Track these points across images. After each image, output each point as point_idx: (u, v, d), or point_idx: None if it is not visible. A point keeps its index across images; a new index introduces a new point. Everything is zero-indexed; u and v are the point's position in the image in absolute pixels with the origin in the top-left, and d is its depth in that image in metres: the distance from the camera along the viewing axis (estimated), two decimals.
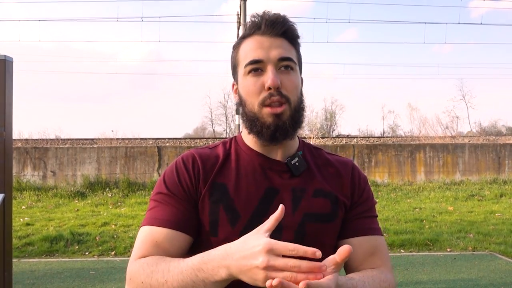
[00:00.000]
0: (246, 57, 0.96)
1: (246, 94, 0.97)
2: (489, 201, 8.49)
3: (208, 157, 1.01)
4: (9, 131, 2.72)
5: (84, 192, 9.03)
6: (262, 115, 0.94)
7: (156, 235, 0.91)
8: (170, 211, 0.93)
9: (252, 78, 0.95)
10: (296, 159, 1.00)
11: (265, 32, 0.96)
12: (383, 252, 1.01)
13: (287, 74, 0.95)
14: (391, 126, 42.91)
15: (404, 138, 18.27)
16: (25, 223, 6.50)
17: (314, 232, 0.95)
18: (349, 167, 1.07)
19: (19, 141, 13.32)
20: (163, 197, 0.96)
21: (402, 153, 10.45)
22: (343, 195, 1.02)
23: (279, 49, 0.95)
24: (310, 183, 1.00)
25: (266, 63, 0.94)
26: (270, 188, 0.97)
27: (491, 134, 21.33)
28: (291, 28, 0.98)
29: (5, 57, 2.65)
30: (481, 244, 5.47)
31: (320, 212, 0.97)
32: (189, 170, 0.97)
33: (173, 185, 0.96)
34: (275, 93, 0.93)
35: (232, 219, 0.93)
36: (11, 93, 2.72)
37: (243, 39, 1.00)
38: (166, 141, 14.72)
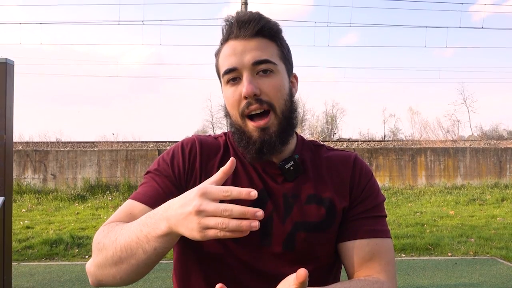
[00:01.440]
0: (222, 66, 0.91)
1: (228, 105, 0.92)
2: (490, 206, 8.47)
3: (209, 146, 0.97)
4: (9, 134, 2.72)
5: (85, 195, 9.02)
6: (248, 129, 0.90)
7: (133, 208, 0.89)
8: (154, 189, 0.90)
9: (231, 88, 0.90)
10: (291, 163, 0.93)
11: (237, 35, 0.89)
12: (384, 257, 0.90)
13: (266, 78, 0.88)
14: (392, 129, 42.90)
15: (405, 142, 18.25)
16: (25, 226, 6.49)
17: (304, 242, 0.89)
18: (350, 163, 0.98)
19: (19, 144, 13.33)
20: (152, 175, 0.94)
21: (403, 157, 10.44)
22: (342, 198, 0.93)
23: (253, 52, 0.88)
24: (304, 188, 0.93)
25: (241, 70, 0.88)
26: (264, 190, 0.91)
27: (493, 138, 21.32)
28: (266, 25, 0.90)
29: (6, 60, 2.66)
30: (482, 248, 5.45)
31: (312, 220, 0.90)
32: (184, 154, 0.95)
33: (164, 165, 0.94)
34: (253, 101, 0.87)
35: None
36: (12, 96, 2.72)
37: (221, 45, 0.94)
38: (167, 144, 14.71)
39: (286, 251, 0.89)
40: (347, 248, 0.91)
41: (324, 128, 39.30)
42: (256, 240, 0.88)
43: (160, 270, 4.52)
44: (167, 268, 4.58)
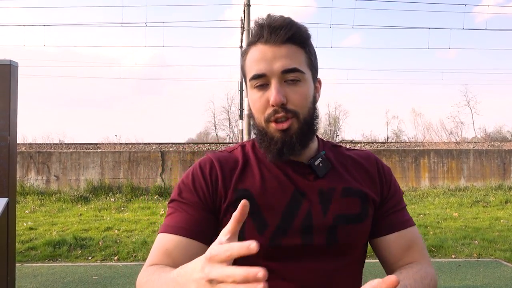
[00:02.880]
0: (250, 69, 0.92)
1: (253, 108, 0.94)
2: (494, 208, 8.43)
3: (227, 161, 0.97)
4: (13, 136, 2.72)
5: (87, 197, 9.04)
6: (270, 130, 0.91)
7: (168, 243, 0.89)
8: (184, 217, 0.90)
9: (258, 92, 0.91)
10: (319, 159, 0.96)
11: (268, 40, 0.89)
12: (419, 244, 0.98)
13: (293, 86, 0.90)
14: (395, 131, 42.82)
15: (408, 143, 18.21)
16: (28, 228, 6.51)
17: (346, 234, 0.92)
18: (372, 160, 1.03)
19: (23, 146, 13.38)
20: (178, 204, 0.93)
21: (406, 159, 10.42)
22: (373, 191, 0.98)
23: (283, 60, 0.88)
24: (337, 182, 0.95)
25: (270, 77, 0.89)
26: (296, 190, 0.93)
27: (496, 139, 21.24)
28: (297, 32, 0.91)
29: (10, 62, 2.66)
30: (486, 250, 5.42)
31: (350, 212, 0.93)
32: (206, 177, 0.94)
33: (188, 193, 0.93)
34: (280, 110, 0.88)
35: (259, 226, 0.89)
36: (15, 98, 2.73)
37: (249, 46, 0.95)
38: (169, 146, 14.74)
39: (329, 244, 0.91)
40: (386, 242, 0.97)
41: (326, 130, 39.26)
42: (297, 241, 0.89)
43: None
44: None
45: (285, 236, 0.88)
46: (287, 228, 0.88)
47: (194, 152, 10.12)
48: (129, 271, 4.59)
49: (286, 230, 0.89)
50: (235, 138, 34.60)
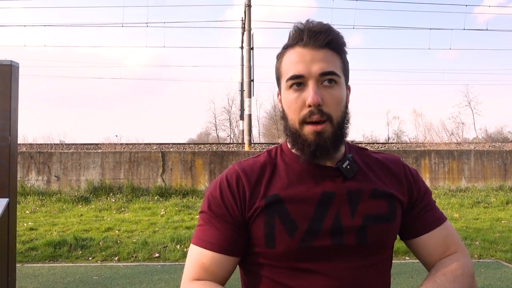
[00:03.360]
0: (288, 70, 0.95)
1: (287, 108, 0.96)
2: (495, 208, 8.42)
3: (253, 170, 1.00)
4: (14, 136, 2.72)
5: (88, 197, 9.04)
6: (304, 132, 0.93)
7: (203, 258, 0.95)
8: (215, 233, 0.95)
9: (294, 93, 0.94)
10: (347, 162, 0.98)
11: (307, 43, 0.93)
12: (454, 236, 1.03)
13: (329, 89, 0.93)
14: (396, 132, 42.78)
15: (409, 144, 18.19)
16: (29, 228, 6.51)
17: (375, 234, 0.95)
18: (399, 164, 1.07)
19: (23, 146, 13.38)
20: (209, 218, 0.97)
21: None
22: (400, 193, 1.01)
23: (321, 63, 0.92)
24: (364, 184, 0.98)
25: (308, 78, 0.92)
26: (325, 193, 0.95)
27: (497, 140, 21.21)
28: (335, 38, 0.95)
29: (11, 62, 2.66)
30: (487, 251, 5.42)
31: (379, 213, 0.96)
32: (233, 191, 0.97)
33: (217, 207, 0.96)
34: (316, 111, 0.91)
35: (289, 229, 0.92)
36: (16, 98, 2.73)
37: (285, 49, 0.98)
38: (170, 146, 14.74)
39: (359, 245, 0.93)
40: (424, 241, 1.01)
41: None
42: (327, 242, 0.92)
43: (164, 272, 4.52)
44: (170, 270, 4.58)
45: (315, 238, 0.91)
46: (317, 230, 0.92)
47: (194, 152, 10.12)
48: (130, 272, 4.59)
49: (316, 232, 0.92)
50: (236, 139, 34.61)
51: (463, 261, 1.00)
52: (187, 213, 7.76)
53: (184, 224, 6.73)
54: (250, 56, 13.54)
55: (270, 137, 36.98)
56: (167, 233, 6.11)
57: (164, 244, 5.55)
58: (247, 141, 13.66)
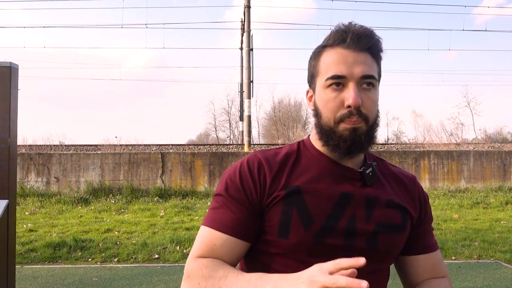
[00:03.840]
0: (328, 70, 0.95)
1: (323, 107, 0.96)
2: (494, 209, 8.43)
3: (275, 159, 1.00)
4: (13, 138, 2.73)
5: (88, 199, 9.04)
6: (339, 129, 0.94)
7: (215, 239, 0.93)
8: (230, 216, 0.94)
9: (333, 92, 0.94)
10: (370, 169, 1.00)
11: (350, 46, 0.94)
12: (443, 264, 1.09)
13: (368, 92, 0.94)
14: (395, 132, 42.79)
15: (408, 145, 18.20)
16: (28, 229, 6.51)
17: (385, 242, 0.96)
18: (415, 182, 1.09)
19: (23, 147, 13.37)
20: (224, 200, 0.96)
21: (407, 160, 10.42)
22: (412, 209, 1.03)
23: (363, 65, 0.93)
24: (381, 193, 1.00)
25: (349, 80, 0.92)
26: (344, 193, 0.96)
27: (497, 141, 21.22)
28: (376, 44, 0.97)
29: (11, 64, 2.67)
30: (486, 252, 5.42)
31: (392, 222, 0.98)
32: (254, 176, 0.96)
33: (235, 190, 0.96)
34: (354, 112, 0.92)
35: (305, 222, 0.92)
36: (16, 100, 2.73)
37: (324, 48, 0.98)
38: (169, 147, 14.73)
39: (369, 249, 0.95)
40: (416, 261, 1.05)
41: None
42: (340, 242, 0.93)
43: (163, 274, 4.52)
44: (170, 272, 4.58)
45: (329, 235, 0.92)
46: (332, 228, 0.92)
47: (194, 153, 10.12)
48: (129, 273, 4.59)
49: (331, 230, 0.92)
50: (235, 140, 34.61)
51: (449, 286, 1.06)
52: (186, 214, 7.76)
53: (184, 225, 6.73)
54: (250, 57, 13.55)
55: (269, 138, 36.99)
56: (166, 234, 6.11)
57: (164, 245, 5.55)
58: (247, 142, 13.66)
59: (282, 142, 17.85)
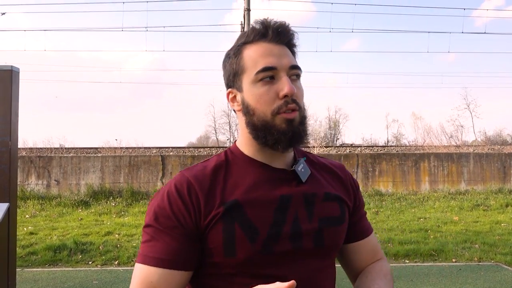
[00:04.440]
0: (256, 64, 0.92)
1: (256, 102, 0.93)
2: (494, 211, 8.43)
3: (205, 176, 0.93)
4: (14, 141, 2.73)
5: (88, 201, 9.04)
6: (276, 122, 0.91)
7: (151, 276, 0.87)
8: (163, 248, 0.87)
9: (265, 86, 0.92)
10: (302, 165, 0.98)
11: (272, 39, 0.94)
12: (379, 246, 1.11)
13: (296, 82, 0.95)
14: (395, 135, 42.78)
15: (408, 147, 18.20)
16: (29, 232, 6.51)
17: (330, 237, 0.96)
18: (344, 170, 1.10)
19: (23, 150, 13.37)
20: (155, 231, 0.88)
21: (406, 162, 10.42)
22: (347, 198, 1.04)
23: (288, 57, 0.94)
24: (317, 188, 0.99)
25: (279, 71, 0.92)
26: (283, 196, 0.93)
27: (496, 143, 21.23)
28: (294, 38, 0.98)
29: (12, 68, 2.68)
30: (486, 254, 5.42)
31: (332, 215, 0.97)
32: (184, 199, 0.89)
33: (166, 218, 0.88)
34: (291, 101, 0.91)
35: (250, 235, 0.88)
36: (17, 103, 2.74)
37: (244, 45, 0.96)
38: (169, 150, 14.74)
39: (316, 247, 0.94)
40: (357, 247, 1.06)
41: (327, 134, 39.26)
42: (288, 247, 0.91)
43: None
44: None
45: (276, 243, 0.89)
46: (278, 234, 0.90)
47: (194, 156, 10.13)
48: (130, 276, 4.58)
49: (277, 237, 0.90)
50: None
51: (389, 267, 1.07)
52: None
53: None
54: None
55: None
56: None
57: None
58: None
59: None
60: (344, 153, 12.38)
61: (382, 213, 8.24)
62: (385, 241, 6.05)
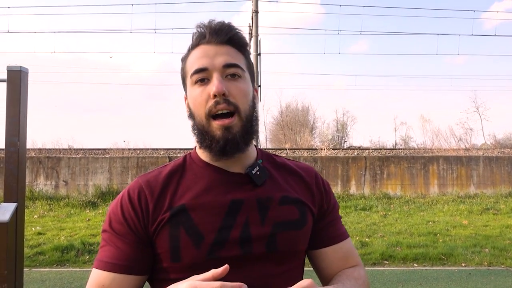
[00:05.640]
0: (192, 67, 0.93)
1: (193, 105, 0.93)
2: (504, 215, 8.32)
3: (157, 181, 0.94)
4: (23, 141, 2.74)
5: (96, 202, 9.09)
6: (211, 128, 0.90)
7: (103, 280, 0.88)
8: (116, 253, 0.89)
9: (199, 88, 0.92)
10: (257, 168, 0.96)
11: (210, 40, 0.93)
12: (354, 252, 1.05)
13: (234, 82, 0.92)
14: (403, 137, 42.48)
15: (416, 150, 18.07)
16: (37, 232, 6.55)
17: (286, 241, 0.93)
18: (312, 173, 1.06)
19: (32, 151, 13.50)
20: (110, 236, 0.91)
21: (415, 165, 10.33)
22: (310, 202, 1.00)
23: (224, 56, 0.92)
24: (274, 191, 0.96)
25: (212, 71, 0.91)
26: (234, 201, 0.92)
27: (506, 146, 20.98)
28: (237, 35, 0.95)
29: (21, 68, 2.69)
30: (497, 259, 5.35)
31: (289, 219, 0.94)
32: (134, 204, 0.91)
33: (118, 224, 0.91)
34: (221, 101, 0.89)
35: (195, 240, 0.88)
36: (26, 104, 2.76)
37: (189, 50, 0.97)
38: (177, 151, 14.78)
39: (269, 252, 0.91)
40: (326, 253, 1.01)
41: (334, 136, 39.14)
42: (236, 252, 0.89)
43: None
44: None
45: (223, 248, 0.88)
46: (225, 240, 0.88)
47: None
48: None
49: (224, 242, 0.88)
50: None
51: (364, 273, 1.02)
52: None
53: None
54: (258, 62, 13.57)
55: (277, 143, 36.96)
56: None
57: None
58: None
59: (289, 147, 17.83)
60: (352, 155, 12.32)
61: (390, 216, 8.17)
62: (393, 244, 5.99)
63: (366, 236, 6.53)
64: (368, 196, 9.91)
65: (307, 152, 15.02)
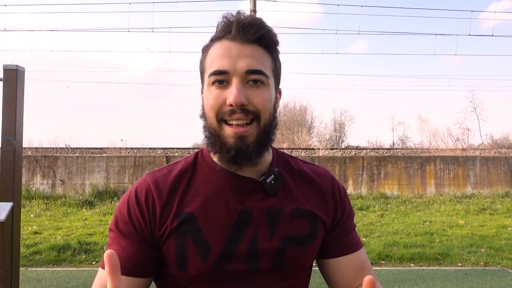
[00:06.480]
0: (211, 65, 0.85)
1: (206, 106, 0.87)
2: (501, 215, 8.35)
3: (166, 182, 0.90)
4: (19, 140, 2.73)
5: (92, 201, 9.06)
6: (223, 134, 0.84)
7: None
8: (121, 253, 0.85)
9: (216, 90, 0.84)
10: (272, 176, 0.90)
11: (235, 37, 0.84)
12: (369, 264, 0.99)
13: (256, 89, 0.84)
14: (401, 137, 42.58)
15: (414, 150, 18.11)
16: (33, 232, 6.53)
17: (294, 257, 0.88)
18: (328, 179, 0.99)
19: (29, 150, 13.45)
20: (116, 236, 0.88)
21: (412, 165, 10.36)
22: (323, 212, 0.94)
23: (248, 59, 0.83)
24: (287, 202, 0.91)
25: (232, 75, 0.82)
26: (244, 211, 0.87)
27: (503, 146, 21.05)
28: (267, 34, 0.86)
29: (17, 67, 2.68)
30: (493, 259, 5.36)
31: (299, 234, 0.89)
32: (141, 206, 0.87)
33: (124, 224, 0.88)
34: (238, 111, 0.82)
35: (202, 251, 0.84)
36: (22, 103, 2.75)
37: (212, 42, 0.89)
38: (174, 150, 14.76)
39: (275, 268, 0.87)
40: (339, 263, 0.95)
41: (332, 136, 39.19)
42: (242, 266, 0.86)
43: None
44: None
45: (229, 262, 0.85)
46: (232, 253, 0.85)
47: None
48: None
49: (231, 256, 0.85)
50: None
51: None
52: None
53: None
54: None
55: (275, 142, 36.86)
56: None
57: None
58: None
59: (287, 146, 17.83)
60: (349, 155, 12.33)
61: (387, 216, 8.18)
62: (390, 244, 6.00)
63: (363, 235, 6.54)
64: (365, 196, 9.93)
65: (304, 152, 15.02)
